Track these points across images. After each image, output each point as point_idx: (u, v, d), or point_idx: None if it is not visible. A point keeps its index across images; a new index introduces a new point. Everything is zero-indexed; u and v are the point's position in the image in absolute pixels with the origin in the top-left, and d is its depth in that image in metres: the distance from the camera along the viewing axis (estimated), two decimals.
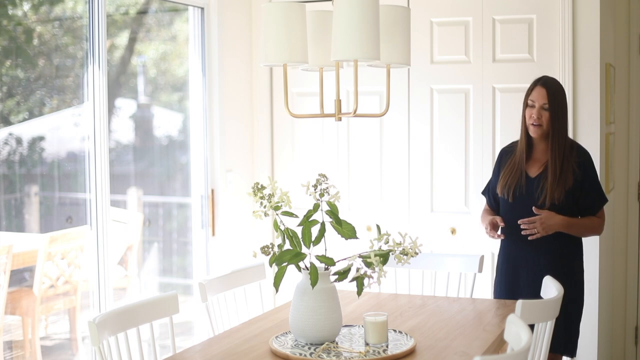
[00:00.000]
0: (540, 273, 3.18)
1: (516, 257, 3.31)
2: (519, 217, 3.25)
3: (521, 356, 1.93)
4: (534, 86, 3.24)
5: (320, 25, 2.67)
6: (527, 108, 3.24)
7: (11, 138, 3.50)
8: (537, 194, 3.21)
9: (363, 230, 4.29)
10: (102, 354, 2.35)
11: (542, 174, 3.24)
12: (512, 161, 3.32)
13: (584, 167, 3.23)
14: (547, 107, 3.19)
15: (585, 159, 3.26)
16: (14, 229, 3.67)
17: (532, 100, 3.22)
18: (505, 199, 3.29)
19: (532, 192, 3.23)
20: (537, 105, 3.20)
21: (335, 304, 2.54)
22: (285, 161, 4.58)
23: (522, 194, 3.25)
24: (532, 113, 3.21)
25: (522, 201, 3.25)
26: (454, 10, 4.14)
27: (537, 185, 3.23)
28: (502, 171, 3.34)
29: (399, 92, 4.25)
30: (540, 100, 3.20)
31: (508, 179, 3.28)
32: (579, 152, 3.26)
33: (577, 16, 3.91)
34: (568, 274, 3.25)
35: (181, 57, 4.41)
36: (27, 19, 3.58)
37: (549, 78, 3.27)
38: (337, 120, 2.63)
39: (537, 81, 3.26)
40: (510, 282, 3.33)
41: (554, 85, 3.23)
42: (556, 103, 3.19)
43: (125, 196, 4.22)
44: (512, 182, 3.27)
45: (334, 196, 2.55)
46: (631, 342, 4.71)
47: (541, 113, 3.19)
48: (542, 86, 3.21)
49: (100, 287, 3.64)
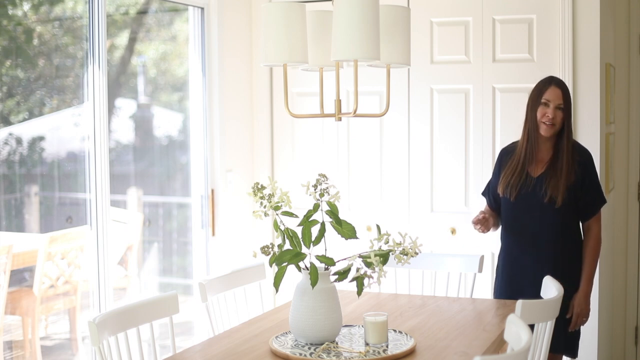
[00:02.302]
0: (543, 274, 3.15)
1: (518, 258, 3.30)
2: (520, 217, 3.25)
3: (521, 356, 1.93)
4: (548, 86, 3.23)
5: (320, 25, 2.67)
6: (540, 107, 3.22)
7: (11, 138, 3.50)
8: (542, 194, 3.21)
9: (363, 230, 4.29)
10: (102, 354, 2.35)
11: (545, 173, 3.23)
12: (513, 161, 3.30)
13: (584, 166, 3.24)
14: (562, 107, 3.20)
15: (586, 158, 3.27)
16: (14, 229, 3.67)
17: (547, 99, 3.21)
18: (507, 198, 3.28)
19: (536, 191, 3.23)
20: (553, 105, 3.20)
21: (335, 304, 2.54)
22: (285, 161, 4.58)
23: (524, 193, 3.25)
24: (546, 112, 3.20)
25: (524, 201, 3.25)
26: (454, 10, 4.14)
27: (540, 185, 3.23)
28: (502, 171, 3.33)
29: (399, 92, 4.25)
30: (556, 100, 3.20)
31: (510, 179, 3.27)
32: (580, 151, 3.27)
33: (577, 16, 3.91)
34: (570, 274, 3.25)
35: (181, 57, 4.41)
36: (27, 19, 3.58)
37: (559, 79, 3.28)
38: (337, 120, 2.63)
39: (549, 81, 3.25)
40: (512, 284, 3.33)
41: (565, 85, 3.26)
42: (568, 103, 3.23)
43: (125, 196, 4.22)
44: (515, 181, 3.25)
45: (334, 196, 2.55)
46: (631, 342, 4.71)
47: (556, 113, 3.20)
48: (556, 86, 3.22)
49: (100, 287, 3.64)
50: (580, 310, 3.25)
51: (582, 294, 3.25)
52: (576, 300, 3.24)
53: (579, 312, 3.25)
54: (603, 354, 4.22)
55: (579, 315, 3.25)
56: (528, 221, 3.25)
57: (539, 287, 3.10)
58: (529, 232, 3.26)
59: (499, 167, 3.39)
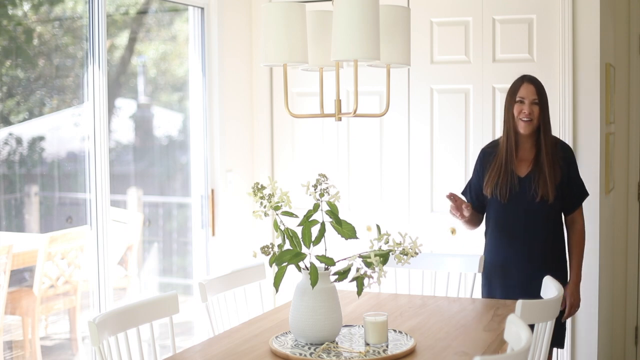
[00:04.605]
0: (533, 270, 3.26)
1: (507, 258, 3.35)
2: (510, 217, 3.32)
3: (521, 356, 1.94)
4: (520, 83, 3.31)
5: (320, 25, 2.67)
6: (515, 105, 3.30)
7: (11, 138, 3.50)
8: (532, 193, 3.27)
9: (363, 230, 4.29)
10: (102, 354, 2.35)
11: (532, 172, 3.29)
12: (496, 161, 3.35)
13: (568, 162, 3.33)
14: (537, 102, 3.28)
15: (569, 154, 3.37)
16: (14, 229, 3.67)
17: (521, 97, 3.29)
18: (497, 199, 3.33)
19: (525, 191, 3.29)
20: (528, 101, 3.28)
21: (335, 304, 2.54)
22: (285, 161, 4.58)
23: (514, 193, 3.30)
24: (522, 109, 3.28)
25: (514, 200, 3.31)
26: (454, 10, 4.14)
27: (529, 185, 3.28)
28: (486, 172, 3.38)
29: (399, 92, 4.25)
30: (530, 96, 3.27)
31: (498, 180, 3.32)
32: (562, 148, 3.36)
33: (577, 16, 3.91)
34: (559, 267, 3.35)
35: (181, 57, 4.41)
36: (27, 19, 3.58)
37: (531, 75, 3.36)
38: (337, 120, 2.63)
39: (521, 79, 3.33)
40: (501, 283, 3.37)
41: (538, 81, 3.34)
42: (544, 98, 3.31)
43: (125, 196, 4.22)
44: (503, 183, 3.31)
45: (334, 196, 2.55)
46: (631, 342, 4.71)
47: (532, 108, 3.27)
48: (529, 83, 3.30)
49: (100, 287, 3.64)
50: (574, 300, 3.34)
51: (573, 285, 3.34)
52: (568, 291, 3.33)
53: (572, 303, 3.33)
54: (603, 354, 4.22)
55: (572, 306, 3.34)
56: (519, 220, 3.31)
57: (530, 284, 3.20)
58: (521, 230, 3.31)
59: (481, 167, 3.44)
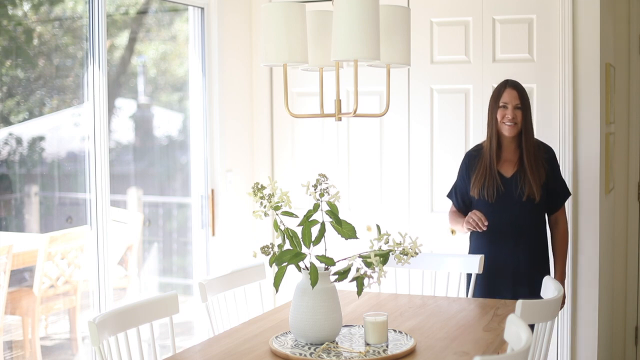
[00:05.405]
0: (520, 269, 3.38)
1: (496, 258, 3.41)
2: (498, 218, 3.38)
3: (521, 356, 1.94)
4: (503, 89, 3.41)
5: (320, 25, 2.67)
6: (499, 109, 3.39)
7: (11, 138, 3.50)
8: (518, 193, 3.36)
9: (363, 230, 4.29)
10: (102, 354, 2.35)
11: (518, 173, 3.39)
12: (482, 164, 3.44)
13: (551, 163, 3.44)
14: (520, 107, 3.38)
15: (551, 155, 3.47)
16: (14, 229, 3.67)
17: (504, 102, 3.39)
18: (485, 200, 3.40)
19: (511, 192, 3.38)
20: (511, 106, 3.37)
21: (335, 304, 2.54)
22: (285, 161, 4.58)
23: (501, 194, 3.38)
24: (506, 113, 3.38)
25: (501, 202, 3.39)
26: (454, 10, 4.14)
27: (515, 185, 3.38)
28: (472, 175, 3.46)
29: (399, 92, 4.25)
30: (513, 101, 3.38)
31: (484, 182, 3.40)
32: (545, 149, 3.46)
33: (577, 16, 3.91)
34: (544, 265, 3.44)
35: (181, 57, 4.41)
36: (27, 19, 3.58)
37: (513, 80, 3.46)
38: (337, 120, 2.63)
39: (504, 84, 3.43)
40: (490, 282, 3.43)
41: (520, 85, 3.44)
42: (526, 102, 3.41)
43: (125, 196, 4.22)
44: (489, 184, 3.40)
45: (334, 196, 2.55)
46: (631, 342, 4.71)
47: (515, 113, 3.37)
48: (512, 88, 3.40)
49: (100, 287, 3.64)
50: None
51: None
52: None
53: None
54: (603, 354, 4.22)
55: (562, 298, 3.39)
56: (506, 220, 3.38)
57: (517, 284, 3.34)
58: (508, 230, 3.39)
59: (466, 170, 3.51)
